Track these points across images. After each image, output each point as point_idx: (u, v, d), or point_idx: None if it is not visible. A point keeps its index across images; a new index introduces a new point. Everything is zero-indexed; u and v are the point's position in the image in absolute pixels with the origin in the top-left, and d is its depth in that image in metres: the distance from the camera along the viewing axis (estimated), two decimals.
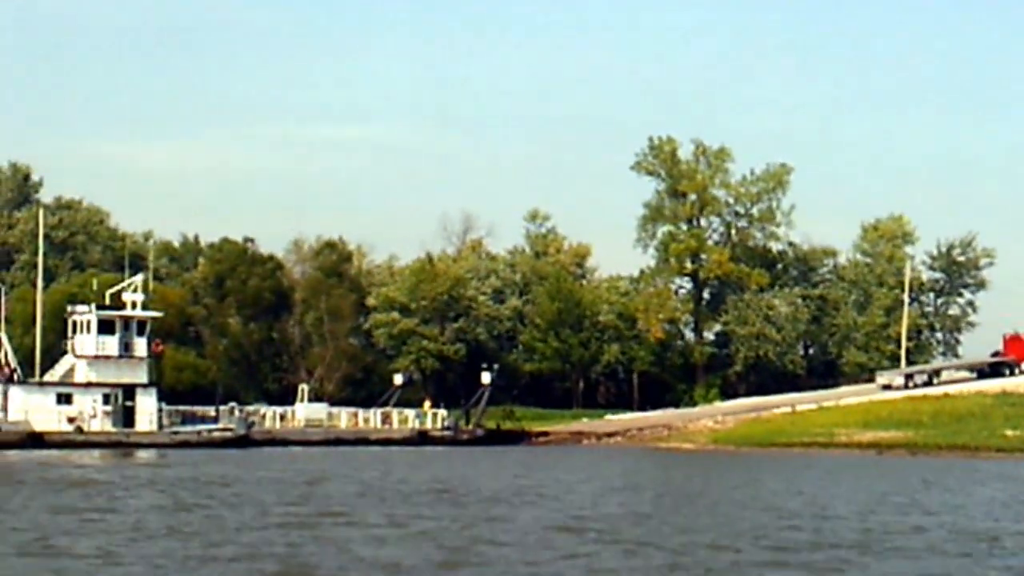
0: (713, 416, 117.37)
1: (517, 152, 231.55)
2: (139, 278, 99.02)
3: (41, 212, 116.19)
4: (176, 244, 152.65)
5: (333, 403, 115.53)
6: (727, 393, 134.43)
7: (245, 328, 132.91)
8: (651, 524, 41.77)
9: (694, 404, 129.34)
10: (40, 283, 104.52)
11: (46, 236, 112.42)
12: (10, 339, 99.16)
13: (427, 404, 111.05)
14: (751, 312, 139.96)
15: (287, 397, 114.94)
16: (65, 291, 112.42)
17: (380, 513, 43.60)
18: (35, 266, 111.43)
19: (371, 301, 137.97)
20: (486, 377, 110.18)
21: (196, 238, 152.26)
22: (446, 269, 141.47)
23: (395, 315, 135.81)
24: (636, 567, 32.09)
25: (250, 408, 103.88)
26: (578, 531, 39.16)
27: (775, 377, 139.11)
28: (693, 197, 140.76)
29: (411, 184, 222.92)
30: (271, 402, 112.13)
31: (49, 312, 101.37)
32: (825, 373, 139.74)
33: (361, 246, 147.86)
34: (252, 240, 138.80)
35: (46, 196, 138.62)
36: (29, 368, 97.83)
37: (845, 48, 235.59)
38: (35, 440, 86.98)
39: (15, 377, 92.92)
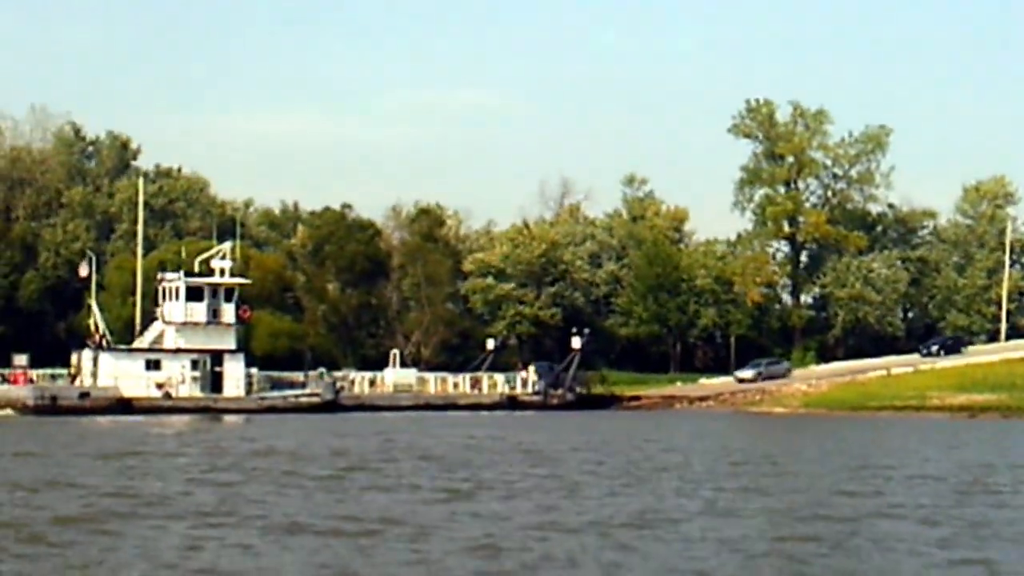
0: (807, 380, 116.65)
1: (615, 116, 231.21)
2: (227, 245, 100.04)
3: (141, 180, 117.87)
4: (276, 212, 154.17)
5: (430, 368, 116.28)
6: (825, 357, 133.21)
7: (343, 294, 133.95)
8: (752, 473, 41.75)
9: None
10: (140, 251, 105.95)
11: (146, 204, 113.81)
12: (109, 307, 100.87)
13: (531, 368, 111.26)
14: (850, 275, 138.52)
15: (384, 362, 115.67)
16: (161, 259, 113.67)
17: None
18: (134, 235, 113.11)
19: (467, 266, 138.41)
20: (576, 342, 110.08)
21: (296, 205, 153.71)
22: (543, 234, 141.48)
23: (491, 280, 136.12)
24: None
25: (339, 373, 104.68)
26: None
27: (873, 340, 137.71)
28: (791, 159, 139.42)
29: (510, 150, 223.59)
30: (368, 367, 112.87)
31: (148, 280, 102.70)
32: (924, 336, 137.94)
33: (458, 212, 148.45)
34: (350, 207, 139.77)
35: (145, 165, 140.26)
36: (130, 336, 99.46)
37: (945, 7, 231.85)
38: (124, 406, 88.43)
39: (105, 344, 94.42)
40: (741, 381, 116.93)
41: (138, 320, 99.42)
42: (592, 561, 26.49)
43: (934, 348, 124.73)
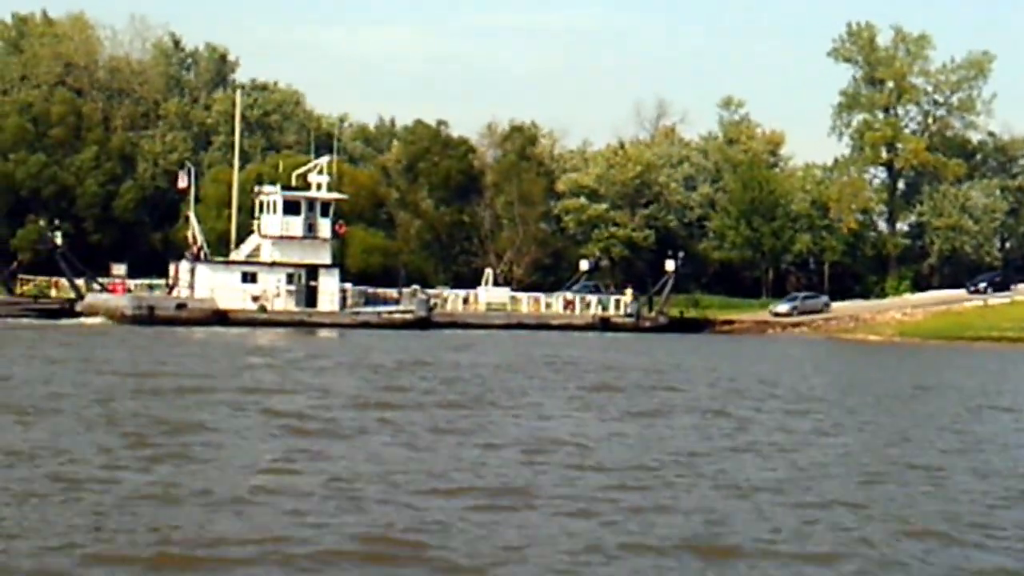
0: (902, 308, 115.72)
1: (713, 38, 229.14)
2: (324, 160, 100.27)
3: (238, 93, 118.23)
4: (371, 127, 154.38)
5: (522, 287, 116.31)
6: (920, 286, 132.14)
7: (436, 211, 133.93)
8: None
9: (885, 296, 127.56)
10: (236, 164, 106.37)
11: (242, 117, 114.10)
12: (204, 219, 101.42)
13: (629, 291, 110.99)
14: (947, 203, 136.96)
15: (476, 281, 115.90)
16: (258, 172, 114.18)
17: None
18: (231, 147, 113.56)
19: (561, 186, 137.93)
20: (670, 264, 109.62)
21: (392, 121, 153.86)
22: (638, 155, 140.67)
23: (584, 201, 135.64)
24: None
25: (432, 291, 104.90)
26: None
27: (970, 270, 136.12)
28: (891, 85, 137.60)
29: (606, 70, 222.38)
30: (460, 286, 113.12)
31: (243, 193, 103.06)
32: (1022, 267, 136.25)
33: (553, 131, 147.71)
34: (445, 123, 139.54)
35: (241, 77, 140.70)
36: (225, 248, 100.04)
37: None
38: (220, 317, 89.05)
39: (203, 256, 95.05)
40: (776, 315, 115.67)
41: (233, 232, 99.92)
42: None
43: (982, 285, 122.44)
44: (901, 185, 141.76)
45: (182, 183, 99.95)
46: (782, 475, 27.14)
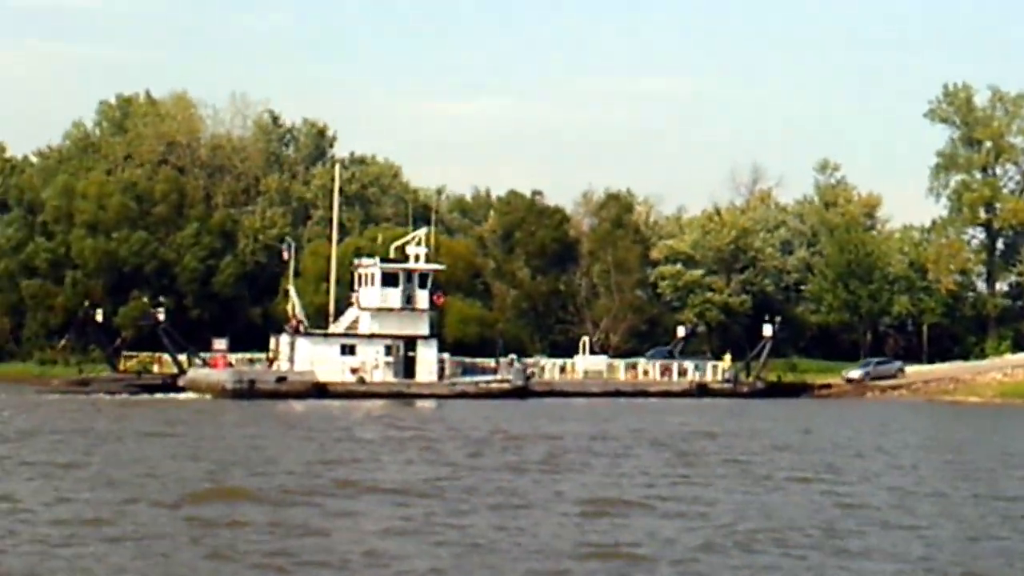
0: (1002, 369, 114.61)
1: (808, 101, 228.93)
2: (422, 231, 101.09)
3: (337, 167, 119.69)
4: (468, 198, 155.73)
5: (619, 355, 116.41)
6: (1020, 346, 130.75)
7: (532, 280, 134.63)
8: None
9: (985, 357, 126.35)
10: (335, 237, 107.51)
11: (340, 191, 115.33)
12: (303, 293, 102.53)
13: (727, 357, 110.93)
14: None
15: (573, 349, 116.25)
16: (355, 245, 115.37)
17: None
18: (330, 221, 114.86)
19: (656, 253, 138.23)
20: (768, 329, 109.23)
21: (487, 191, 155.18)
22: (733, 220, 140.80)
23: (680, 267, 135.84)
24: None
25: (529, 360, 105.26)
26: None
27: None
28: (988, 145, 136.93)
29: (700, 136, 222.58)
30: (557, 354, 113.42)
31: (341, 266, 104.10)
32: None
33: (649, 198, 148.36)
34: (540, 193, 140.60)
35: (340, 152, 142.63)
36: (323, 321, 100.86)
37: None
38: (320, 390, 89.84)
39: (302, 329, 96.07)
40: (849, 382, 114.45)
41: (332, 306, 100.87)
42: None
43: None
44: (1000, 245, 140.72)
45: (285, 256, 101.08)
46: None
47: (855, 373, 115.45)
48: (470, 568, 24.56)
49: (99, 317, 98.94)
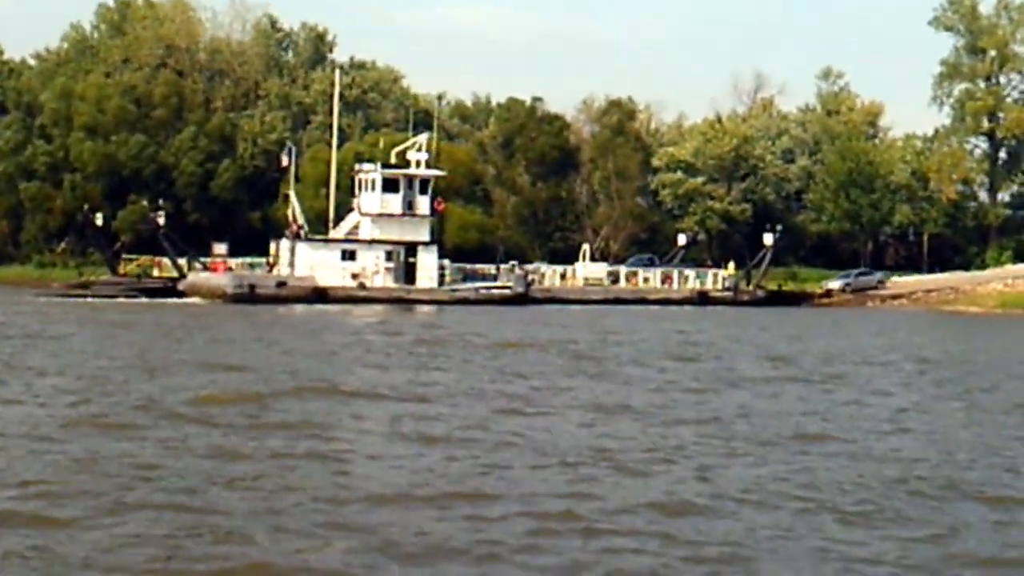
0: (1003, 279, 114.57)
1: (811, 8, 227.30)
2: (423, 137, 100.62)
3: (337, 72, 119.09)
4: (468, 104, 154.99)
5: (619, 262, 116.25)
6: (1021, 257, 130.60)
7: (532, 187, 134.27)
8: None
9: (985, 267, 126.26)
10: (335, 143, 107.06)
11: (340, 96, 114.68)
12: (303, 198, 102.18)
13: (731, 265, 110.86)
14: None
15: (572, 256, 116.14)
16: (356, 151, 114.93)
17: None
18: (330, 126, 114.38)
19: (657, 161, 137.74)
20: (768, 238, 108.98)
21: (488, 98, 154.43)
22: (735, 128, 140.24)
23: (681, 175, 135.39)
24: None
25: (530, 266, 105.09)
26: None
27: None
28: (993, 53, 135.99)
29: (703, 43, 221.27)
30: (556, 261, 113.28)
31: (341, 171, 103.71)
32: None
33: (650, 105, 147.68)
34: (540, 99, 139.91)
35: (339, 56, 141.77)
36: (323, 227, 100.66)
37: None
38: (320, 295, 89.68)
39: (302, 234, 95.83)
40: (829, 292, 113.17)
41: (332, 211, 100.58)
42: None
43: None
44: (1003, 155, 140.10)
45: (284, 162, 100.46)
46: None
47: (835, 284, 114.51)
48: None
49: (99, 221, 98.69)
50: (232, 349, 47.35)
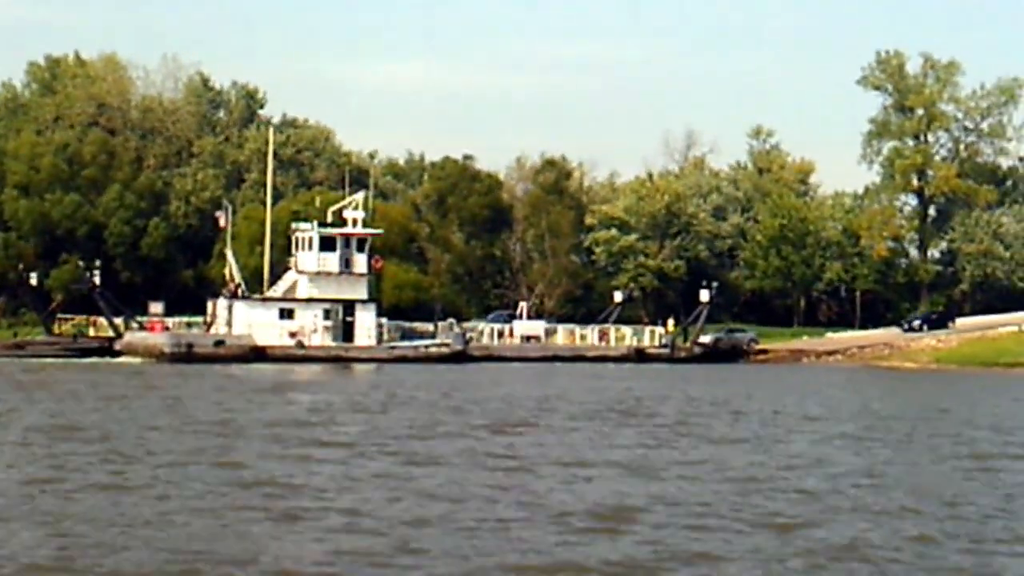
0: (936, 335, 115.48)
1: (741, 68, 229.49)
2: (360, 196, 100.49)
3: (270, 130, 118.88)
4: (401, 162, 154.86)
5: (553, 320, 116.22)
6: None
7: (467, 245, 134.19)
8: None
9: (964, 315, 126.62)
10: (269, 201, 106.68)
11: (274, 154, 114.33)
12: (238, 256, 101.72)
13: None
14: (978, 230, 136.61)
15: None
16: (290, 209, 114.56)
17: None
18: (263, 184, 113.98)
19: (591, 219, 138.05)
20: (704, 295, 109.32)
21: (421, 156, 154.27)
22: (667, 186, 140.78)
23: (615, 232, 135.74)
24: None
25: (468, 324, 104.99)
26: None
27: (1003, 296, 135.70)
28: (920, 112, 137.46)
29: (634, 101, 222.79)
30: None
31: (275, 230, 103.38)
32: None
33: (583, 163, 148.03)
34: (472, 158, 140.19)
35: (271, 114, 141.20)
36: (257, 285, 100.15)
37: None
38: (258, 354, 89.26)
39: (240, 293, 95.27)
40: (702, 346, 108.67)
41: (267, 269, 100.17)
42: None
43: (916, 323, 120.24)
44: (932, 212, 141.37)
45: (222, 221, 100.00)
46: None
47: (706, 339, 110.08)
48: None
49: (33, 280, 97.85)
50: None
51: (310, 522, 24.87)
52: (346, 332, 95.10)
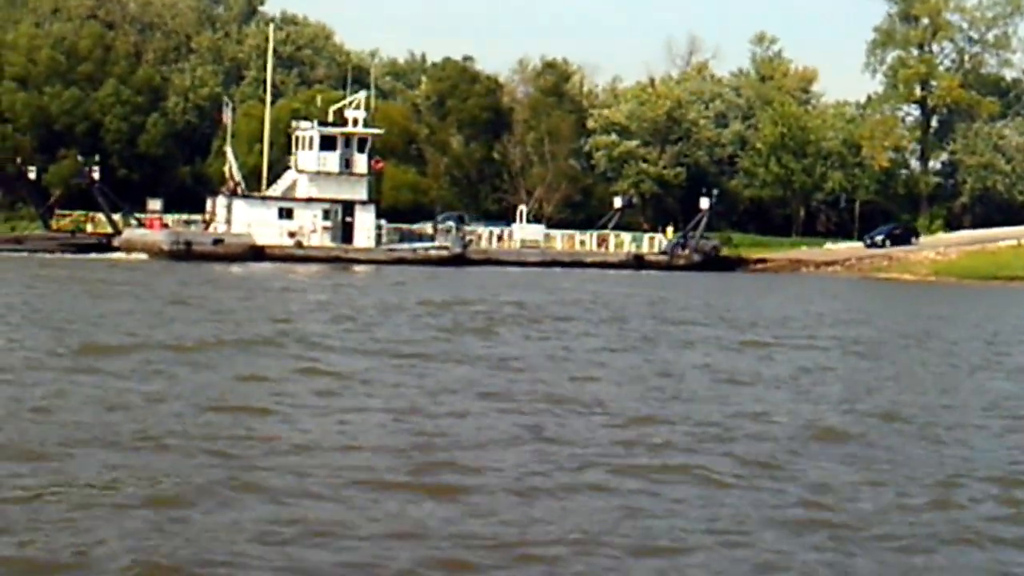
0: (935, 247, 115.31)
1: None
2: (362, 95, 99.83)
3: (271, 27, 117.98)
4: (401, 62, 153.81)
5: (551, 225, 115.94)
6: (952, 225, 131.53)
7: (466, 148, 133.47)
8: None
9: (934, 233, 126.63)
10: (268, 99, 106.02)
11: (274, 52, 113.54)
12: (237, 154, 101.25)
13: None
14: (980, 142, 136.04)
15: (506, 218, 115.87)
16: (290, 107, 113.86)
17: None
18: (262, 82, 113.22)
19: (591, 123, 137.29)
20: (704, 202, 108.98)
21: (423, 56, 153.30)
22: (668, 92, 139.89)
23: (615, 137, 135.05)
24: None
25: (467, 228, 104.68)
26: None
27: (1002, 209, 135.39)
28: (925, 21, 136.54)
29: (637, 6, 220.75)
30: (490, 223, 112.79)
31: (275, 128, 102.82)
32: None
33: (584, 68, 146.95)
34: (472, 59, 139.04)
35: (271, 11, 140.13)
36: (256, 184, 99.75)
37: None
38: (257, 253, 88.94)
39: (239, 191, 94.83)
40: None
41: (265, 168, 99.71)
42: None
43: (879, 238, 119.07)
44: (934, 123, 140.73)
45: (226, 118, 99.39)
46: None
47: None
48: None
49: (31, 175, 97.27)
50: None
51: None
52: (345, 233, 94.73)
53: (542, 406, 25.94)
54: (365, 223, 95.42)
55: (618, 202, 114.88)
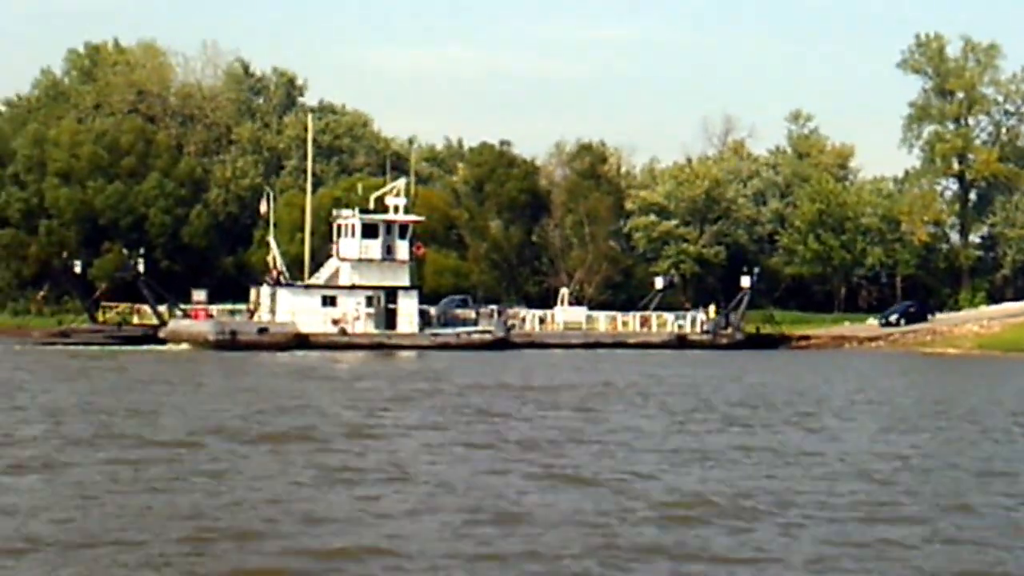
0: (979, 320, 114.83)
1: (781, 51, 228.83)
2: (402, 182, 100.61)
3: (310, 117, 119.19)
4: (439, 148, 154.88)
5: (592, 306, 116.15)
6: (994, 297, 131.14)
7: (505, 231, 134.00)
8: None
9: (959, 308, 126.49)
10: (309, 188, 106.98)
11: (313, 140, 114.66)
12: (279, 243, 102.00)
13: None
14: (1020, 214, 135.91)
15: (547, 301, 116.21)
16: (331, 196, 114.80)
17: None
18: (303, 171, 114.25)
19: (630, 204, 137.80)
20: (746, 280, 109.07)
21: (460, 142, 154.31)
22: (706, 171, 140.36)
23: (654, 218, 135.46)
24: None
25: (510, 311, 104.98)
26: None
27: None
28: (961, 95, 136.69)
29: (673, 86, 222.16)
30: (531, 306, 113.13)
31: (316, 216, 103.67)
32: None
33: (621, 149, 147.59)
34: (509, 143, 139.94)
35: (310, 101, 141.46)
36: (298, 272, 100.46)
37: None
38: (301, 341, 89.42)
39: (283, 280, 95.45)
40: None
41: (307, 257, 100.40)
42: None
43: (893, 317, 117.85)
44: (973, 196, 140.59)
45: (263, 208, 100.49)
46: None
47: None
48: None
49: (77, 268, 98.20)
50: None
51: None
52: (388, 319, 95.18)
53: None
54: (408, 309, 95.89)
55: (659, 283, 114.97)
